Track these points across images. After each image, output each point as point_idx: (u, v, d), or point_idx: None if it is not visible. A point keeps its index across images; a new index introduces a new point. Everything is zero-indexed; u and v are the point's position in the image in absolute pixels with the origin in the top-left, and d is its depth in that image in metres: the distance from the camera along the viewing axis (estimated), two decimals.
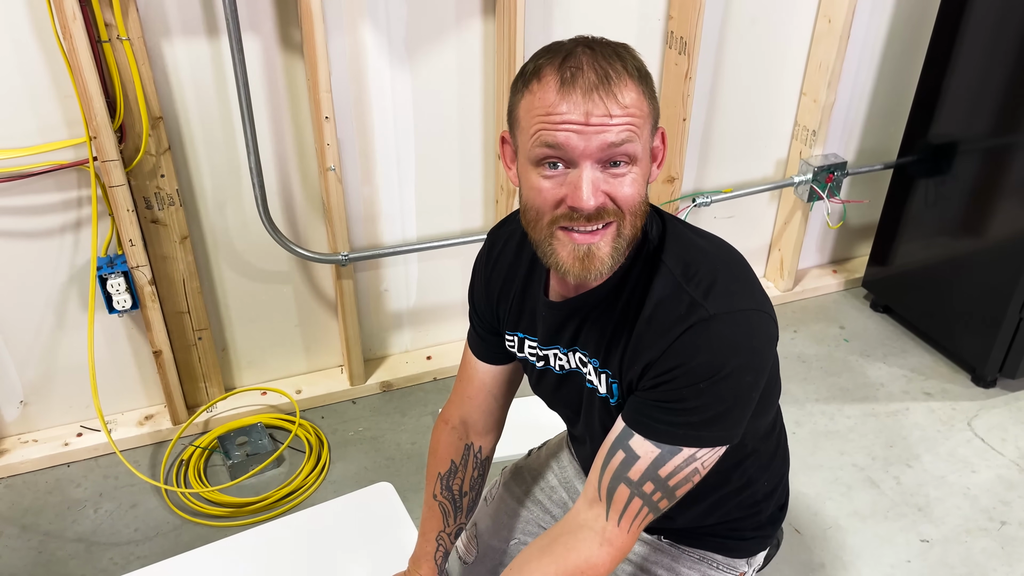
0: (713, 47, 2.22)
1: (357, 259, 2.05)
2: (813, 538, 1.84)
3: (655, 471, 0.98)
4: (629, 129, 0.90)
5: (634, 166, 0.93)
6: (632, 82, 0.91)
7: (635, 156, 0.92)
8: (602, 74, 0.90)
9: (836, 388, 2.29)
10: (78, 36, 1.56)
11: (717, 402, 0.96)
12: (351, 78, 1.90)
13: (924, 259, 2.39)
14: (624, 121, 0.90)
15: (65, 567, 1.75)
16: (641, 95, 0.92)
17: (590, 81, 0.90)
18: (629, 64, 0.93)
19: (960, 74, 2.18)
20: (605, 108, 0.89)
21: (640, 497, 1.00)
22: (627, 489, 1.00)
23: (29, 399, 2.00)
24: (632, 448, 0.99)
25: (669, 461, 0.98)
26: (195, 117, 1.82)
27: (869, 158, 2.59)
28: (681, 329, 0.96)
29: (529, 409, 1.61)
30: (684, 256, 1.01)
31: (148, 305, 1.88)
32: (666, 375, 0.97)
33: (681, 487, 1.00)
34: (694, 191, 2.41)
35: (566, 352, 1.11)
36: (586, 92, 0.90)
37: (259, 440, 2.02)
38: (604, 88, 0.90)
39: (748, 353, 0.97)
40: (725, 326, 0.95)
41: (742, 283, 1.01)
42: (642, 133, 0.92)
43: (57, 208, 1.80)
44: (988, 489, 1.97)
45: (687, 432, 0.97)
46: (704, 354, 0.95)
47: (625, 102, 0.90)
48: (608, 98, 0.90)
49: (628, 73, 0.92)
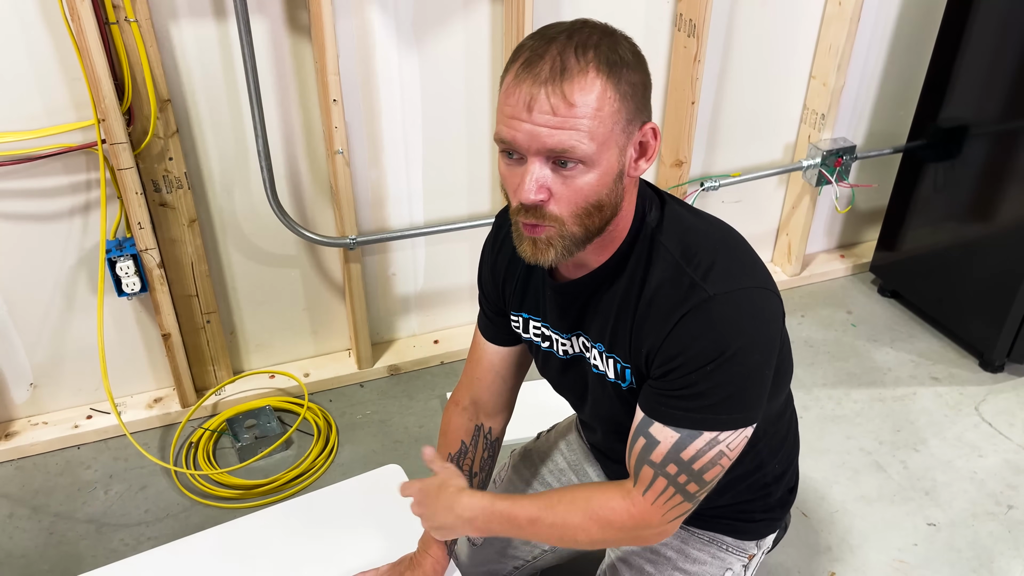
0: (722, 30, 2.20)
1: (365, 243, 2.05)
2: (820, 522, 1.84)
3: (676, 454, 0.99)
4: (575, 130, 0.87)
5: (586, 167, 0.90)
6: (596, 77, 0.87)
7: (585, 158, 0.89)
8: (559, 68, 0.87)
9: (843, 373, 2.28)
10: (86, 18, 1.56)
11: (728, 383, 0.96)
12: (359, 61, 1.89)
13: (932, 244, 2.39)
14: (570, 123, 0.87)
15: (75, 548, 1.77)
16: (605, 94, 0.88)
17: (543, 74, 0.87)
18: (601, 55, 0.88)
19: (971, 57, 2.16)
20: (550, 106, 0.87)
21: (665, 478, 1.00)
22: (651, 470, 1.01)
23: (39, 382, 2.00)
24: (652, 435, 1.00)
25: (690, 445, 0.98)
26: (203, 99, 1.82)
27: (878, 142, 2.57)
28: (681, 313, 0.96)
29: (538, 392, 1.61)
30: (683, 237, 1.01)
31: (157, 288, 1.89)
32: (672, 362, 0.97)
33: (708, 471, 1.00)
34: (702, 175, 2.40)
35: (568, 337, 1.12)
36: (536, 84, 0.87)
37: (267, 423, 2.03)
38: (553, 84, 0.86)
39: (752, 332, 0.97)
40: (725, 306, 0.95)
41: (742, 262, 1.01)
42: (597, 134, 0.88)
43: (65, 191, 1.80)
44: (995, 473, 1.97)
45: (704, 416, 0.97)
46: (706, 337, 0.95)
47: (574, 99, 0.86)
48: (555, 96, 0.86)
49: (596, 67, 0.87)
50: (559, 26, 0.92)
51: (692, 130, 2.21)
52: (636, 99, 0.91)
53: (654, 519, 1.03)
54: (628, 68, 0.90)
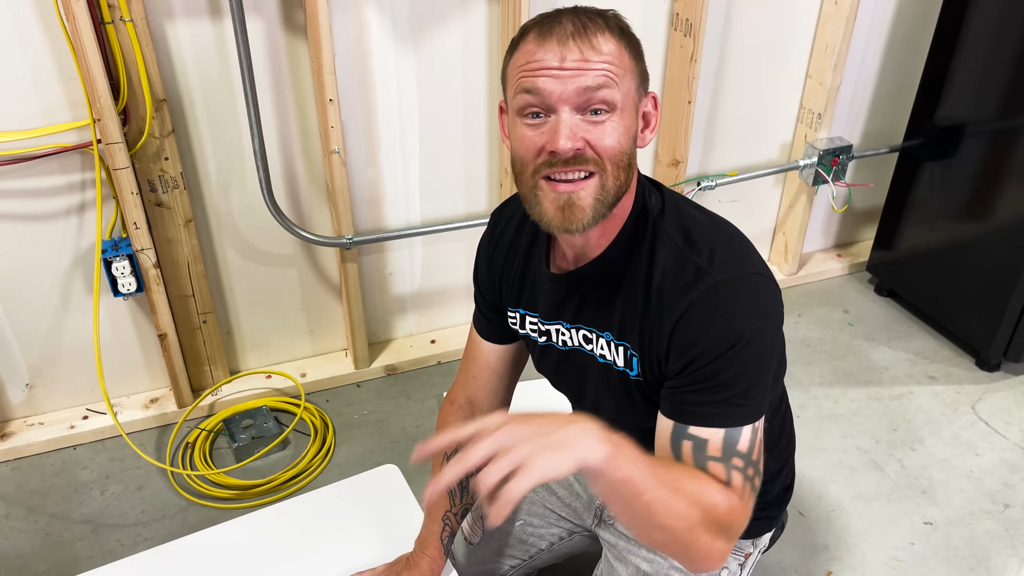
0: (719, 29, 2.21)
1: (361, 242, 2.05)
2: (817, 520, 1.84)
3: (733, 447, 0.95)
4: (605, 75, 0.91)
5: (614, 115, 0.93)
6: (611, 35, 0.93)
7: (614, 104, 0.92)
8: (580, 25, 0.93)
9: (840, 372, 2.29)
10: (81, 17, 1.55)
11: (749, 369, 0.96)
12: (355, 60, 1.89)
13: (929, 243, 2.39)
14: (600, 67, 0.91)
15: (72, 548, 1.76)
16: (622, 49, 0.94)
17: (567, 30, 0.92)
18: (611, 22, 0.95)
19: (967, 57, 2.16)
20: (580, 53, 0.91)
21: (737, 471, 0.95)
22: (719, 464, 0.95)
23: (35, 382, 2.00)
24: (695, 435, 0.96)
25: (740, 438, 0.95)
26: (199, 99, 1.81)
27: (875, 141, 2.57)
28: (690, 299, 0.96)
29: (533, 392, 1.61)
30: (684, 225, 1.02)
31: (153, 288, 1.88)
32: (689, 352, 0.96)
33: (760, 460, 0.97)
34: (699, 174, 2.40)
35: (569, 328, 1.11)
36: (562, 39, 0.92)
37: (264, 423, 2.03)
38: (580, 36, 0.92)
39: (762, 316, 0.97)
40: (733, 291, 0.96)
41: (740, 250, 1.02)
42: (622, 83, 0.93)
43: (61, 191, 1.80)
44: (992, 472, 1.97)
45: (734, 409, 0.95)
46: (720, 323, 0.95)
47: (602, 50, 0.92)
48: (584, 44, 0.92)
49: (608, 27, 0.94)
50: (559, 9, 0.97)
51: (689, 129, 2.21)
52: (641, 68, 0.97)
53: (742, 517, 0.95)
54: (633, 37, 0.97)
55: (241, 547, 1.34)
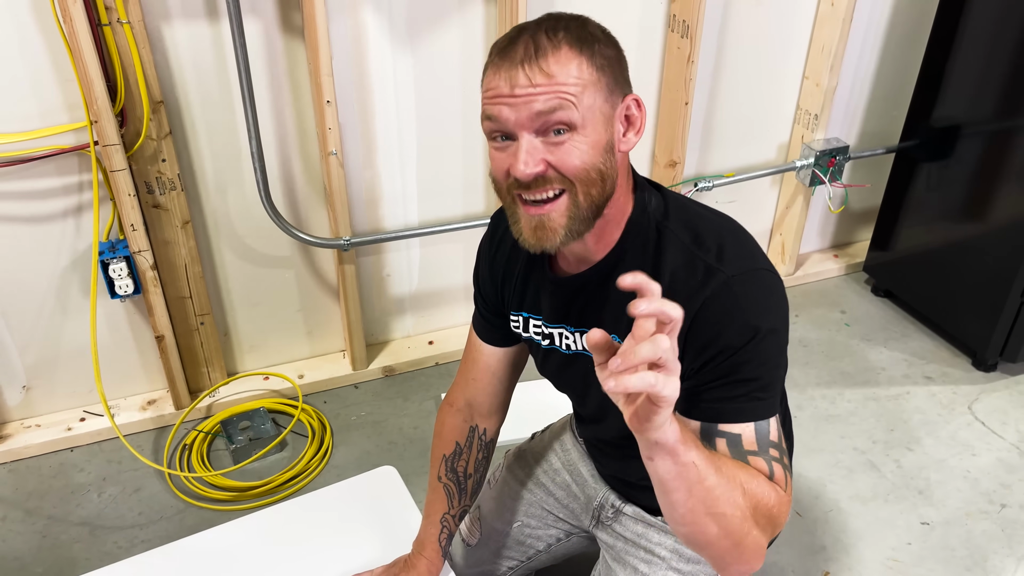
0: (715, 30, 2.21)
1: (359, 244, 2.05)
2: (814, 521, 1.85)
3: (766, 439, 0.95)
4: (558, 97, 0.91)
5: (576, 133, 0.92)
6: (567, 50, 0.92)
7: (573, 123, 0.92)
8: (532, 48, 0.92)
9: (837, 372, 2.29)
10: (78, 19, 1.55)
11: (767, 361, 0.96)
12: (353, 62, 1.89)
13: (925, 243, 2.39)
14: (551, 90, 0.91)
15: (69, 551, 1.76)
16: (582, 64, 0.92)
17: (518, 55, 0.92)
18: (573, 34, 0.93)
19: (963, 57, 2.17)
20: (529, 79, 0.91)
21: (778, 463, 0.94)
22: (758, 458, 0.94)
23: (32, 384, 2.00)
24: (726, 431, 0.95)
25: (769, 429, 0.95)
26: (196, 101, 1.81)
27: (871, 142, 2.58)
28: (704, 296, 0.95)
29: (532, 393, 1.61)
30: (690, 224, 1.02)
31: (150, 290, 1.88)
32: (708, 349, 0.95)
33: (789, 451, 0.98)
34: (696, 175, 2.40)
35: (573, 332, 1.11)
36: (512, 65, 0.92)
37: (262, 425, 2.03)
38: (529, 61, 0.91)
39: (775, 310, 0.98)
40: (745, 285, 0.96)
41: (747, 246, 1.02)
42: (581, 100, 0.91)
43: (58, 193, 1.80)
44: (988, 472, 1.97)
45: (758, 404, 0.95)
46: (737, 318, 0.95)
47: (551, 71, 0.91)
48: (532, 69, 0.91)
49: (568, 43, 0.92)
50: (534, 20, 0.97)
51: (686, 131, 2.21)
52: (613, 72, 0.95)
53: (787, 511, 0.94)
54: (600, 43, 0.94)
55: (239, 549, 1.34)
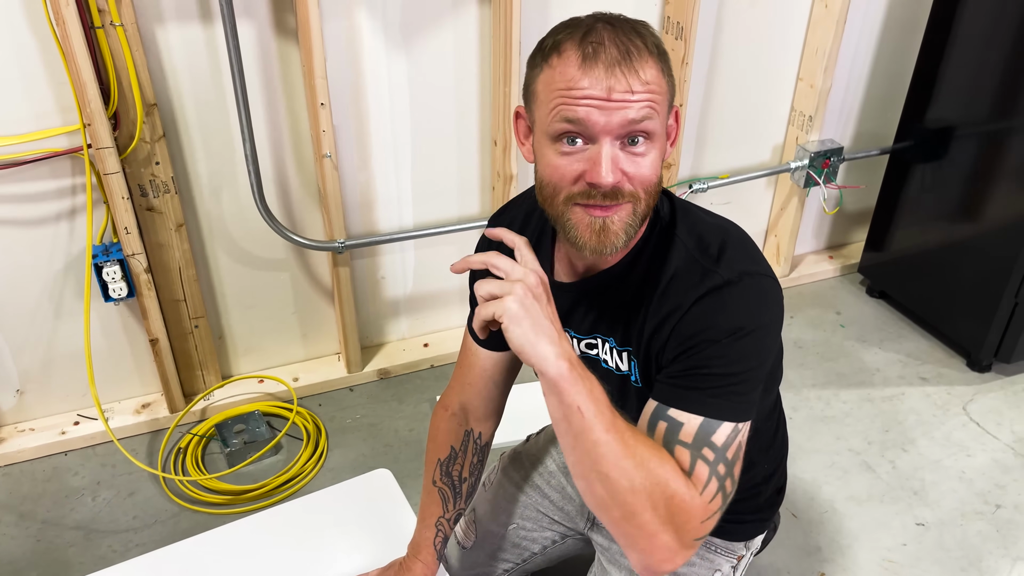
0: (710, 32, 2.21)
1: (353, 246, 2.05)
2: (810, 522, 1.85)
3: (707, 437, 0.93)
4: (650, 106, 0.90)
5: (652, 144, 0.93)
6: (652, 59, 0.91)
7: (654, 133, 0.92)
8: (624, 50, 0.89)
9: (832, 373, 2.29)
10: (71, 22, 1.55)
11: (741, 362, 0.95)
12: (347, 64, 1.89)
13: (920, 244, 2.40)
14: (645, 98, 0.90)
15: (64, 555, 1.75)
16: (660, 72, 0.92)
17: (612, 56, 0.89)
18: (649, 41, 0.92)
19: (957, 59, 2.17)
20: (627, 84, 0.89)
21: (704, 462, 0.92)
22: (685, 451, 0.92)
23: (25, 388, 1.99)
24: (672, 417, 0.94)
25: (717, 430, 0.93)
26: (190, 104, 1.81)
27: (865, 143, 2.58)
28: (696, 295, 0.97)
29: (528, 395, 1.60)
30: (695, 229, 1.03)
31: (144, 293, 1.88)
32: (688, 341, 0.96)
33: (736, 463, 0.94)
34: (691, 177, 2.41)
35: (573, 336, 1.12)
36: (608, 67, 0.89)
37: (256, 428, 2.02)
38: (626, 64, 0.89)
39: (765, 317, 0.98)
40: (739, 290, 0.97)
41: (748, 251, 1.03)
42: (661, 110, 0.92)
43: (51, 196, 1.79)
44: (983, 473, 1.98)
45: (721, 402, 0.94)
46: (722, 315, 0.96)
47: (646, 78, 0.90)
48: (630, 74, 0.89)
49: (648, 50, 0.91)
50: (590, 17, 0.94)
51: (680, 132, 2.21)
52: (672, 83, 0.96)
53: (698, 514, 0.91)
54: (666, 54, 0.95)
55: (234, 552, 1.34)
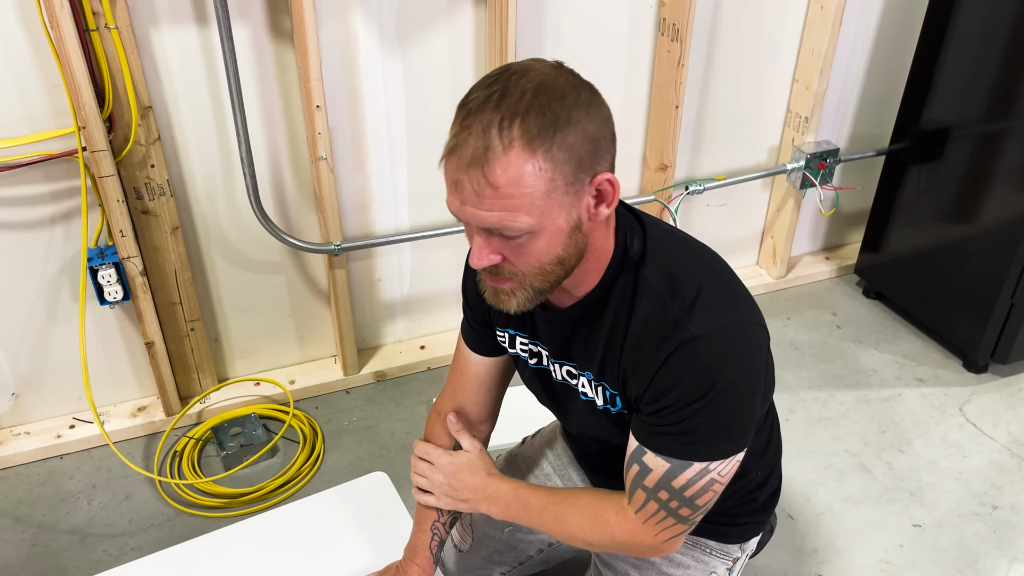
0: (706, 34, 2.21)
1: (350, 249, 2.05)
2: (806, 523, 1.85)
3: (668, 482, 1.01)
4: (504, 212, 0.86)
5: (533, 235, 0.89)
6: (519, 151, 0.84)
7: (525, 230, 0.88)
8: (481, 148, 0.85)
9: (829, 375, 2.29)
10: (65, 24, 1.55)
11: (717, 417, 0.97)
12: (342, 66, 1.89)
13: (916, 245, 2.40)
14: (496, 204, 0.86)
15: (59, 559, 1.75)
16: (535, 163, 0.85)
17: (466, 157, 0.86)
18: (529, 125, 0.84)
19: (952, 60, 2.17)
20: (474, 191, 0.86)
21: (656, 502, 1.02)
22: (643, 494, 1.03)
23: (21, 391, 1.99)
24: (645, 463, 1.02)
25: (681, 474, 1.00)
26: (185, 106, 1.81)
27: (861, 145, 2.59)
28: (667, 351, 0.96)
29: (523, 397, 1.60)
30: (667, 270, 1.00)
31: (140, 296, 1.87)
32: (662, 399, 0.98)
33: (700, 497, 1.01)
34: (687, 178, 2.41)
35: (553, 363, 1.12)
36: (460, 168, 0.87)
37: (253, 431, 2.02)
38: (476, 168, 0.85)
39: (738, 367, 0.98)
40: (710, 345, 0.96)
41: (726, 295, 1.01)
42: (533, 207, 0.86)
43: (46, 199, 1.79)
44: (980, 474, 1.98)
45: (695, 448, 0.99)
46: (693, 375, 0.96)
47: (499, 182, 0.85)
48: (477, 180, 0.85)
49: (520, 141, 0.84)
50: (500, 79, 0.88)
51: (676, 134, 2.22)
52: (576, 159, 0.87)
53: (646, 538, 1.05)
54: (563, 130, 0.85)
55: (230, 556, 1.33)
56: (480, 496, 1.17)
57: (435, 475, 1.21)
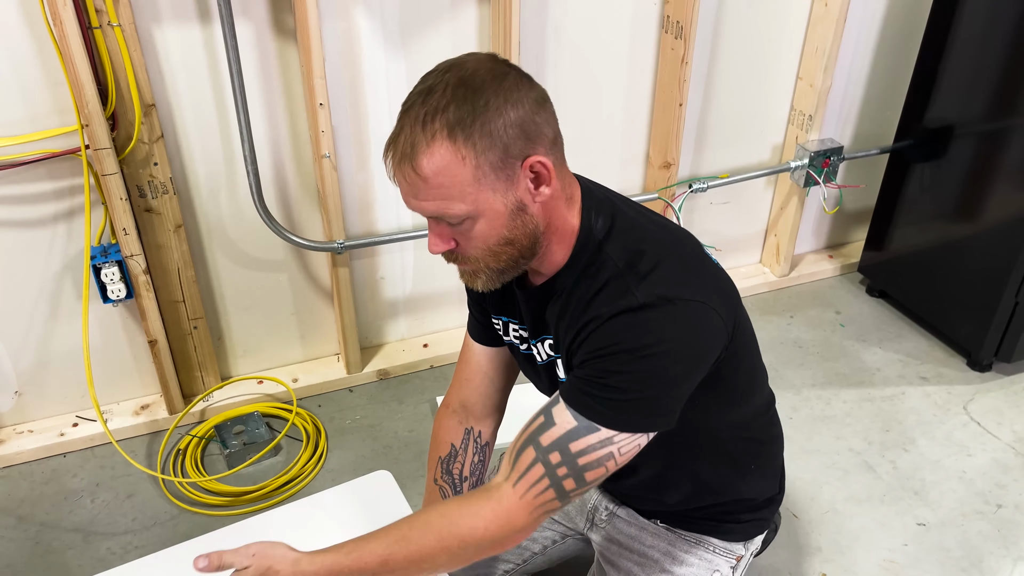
0: (709, 31, 2.21)
1: (352, 247, 2.05)
2: (810, 522, 1.84)
3: (566, 443, 0.98)
4: (439, 200, 0.93)
5: (473, 219, 0.95)
6: (441, 142, 0.91)
7: (463, 216, 0.94)
8: (409, 144, 0.92)
9: (832, 373, 2.29)
10: (68, 22, 1.55)
11: (639, 382, 0.97)
12: (345, 64, 1.89)
13: (920, 244, 2.39)
14: (428, 195, 0.93)
15: (62, 557, 1.75)
16: (458, 152, 0.91)
17: (397, 154, 0.94)
18: (448, 117, 0.90)
19: (956, 58, 2.17)
20: (408, 185, 0.94)
21: (543, 464, 0.98)
22: (533, 452, 0.99)
23: (24, 389, 1.99)
24: (552, 415, 1.00)
25: (583, 437, 0.97)
26: (188, 104, 1.81)
27: (865, 143, 2.58)
28: (609, 313, 0.98)
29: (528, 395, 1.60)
30: (631, 247, 1.02)
31: (143, 294, 1.87)
32: (594, 352, 0.98)
33: (591, 470, 0.98)
34: (691, 176, 2.40)
35: (536, 342, 1.13)
36: (394, 166, 0.95)
37: (256, 429, 2.02)
38: (403, 163, 0.93)
39: (675, 341, 0.97)
40: (654, 313, 0.96)
41: (684, 272, 1.02)
42: (466, 193, 0.93)
43: (49, 197, 1.79)
44: (984, 472, 1.97)
45: (607, 411, 0.97)
46: (629, 335, 0.97)
47: (425, 172, 0.92)
48: (407, 173, 0.93)
49: (441, 132, 0.91)
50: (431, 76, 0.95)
51: (680, 132, 2.21)
52: (502, 144, 0.92)
53: (520, 518, 0.98)
54: (481, 117, 0.91)
55: None
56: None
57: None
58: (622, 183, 2.35)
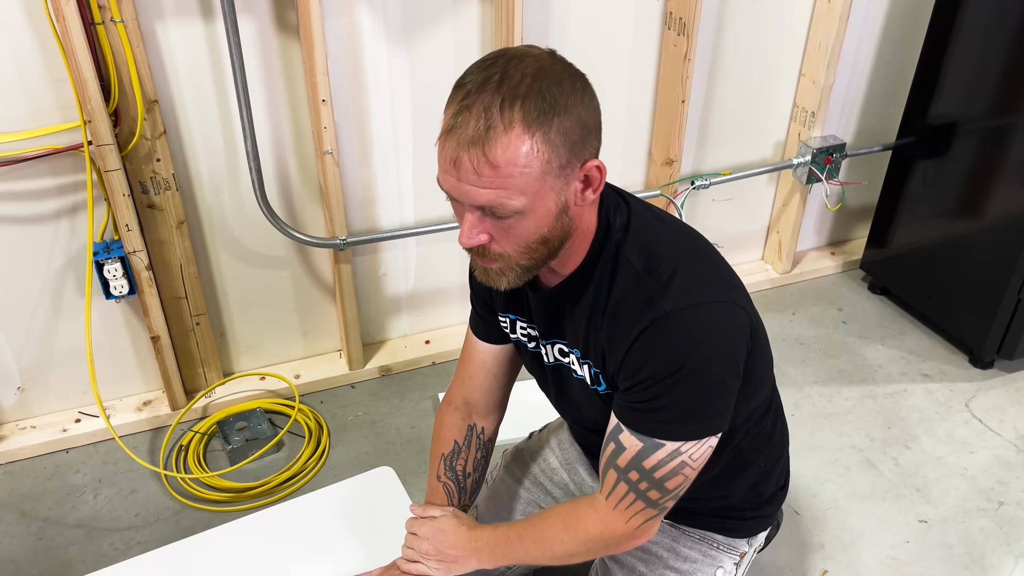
0: (712, 28, 2.20)
1: (355, 243, 2.05)
2: (812, 519, 1.84)
3: (639, 462, 1.01)
4: (500, 190, 0.89)
5: (523, 215, 0.92)
6: (519, 132, 0.87)
7: (517, 210, 0.91)
8: (483, 127, 0.87)
9: (834, 370, 2.29)
10: (71, 18, 1.54)
11: (688, 396, 0.98)
12: (348, 60, 1.89)
13: (922, 241, 2.39)
14: (494, 183, 0.88)
15: (65, 553, 1.75)
16: (532, 145, 0.87)
17: (466, 135, 0.87)
18: (530, 106, 0.87)
19: (959, 55, 2.16)
20: (473, 168, 0.88)
21: (626, 483, 1.03)
22: (615, 474, 1.04)
23: (26, 385, 1.99)
24: (621, 441, 1.03)
25: (652, 454, 1.00)
26: (190, 100, 1.81)
27: (868, 139, 2.58)
28: (640, 328, 0.97)
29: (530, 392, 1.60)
30: (647, 248, 1.02)
31: (145, 290, 1.87)
32: (635, 376, 0.99)
33: (670, 479, 1.02)
34: (693, 173, 2.40)
35: (547, 343, 1.12)
36: (460, 145, 0.88)
37: (258, 425, 2.02)
38: (478, 146, 0.87)
39: (709, 346, 0.98)
40: (683, 323, 0.96)
41: (704, 275, 1.02)
42: (527, 188, 0.89)
43: (52, 193, 1.79)
44: (986, 470, 1.97)
45: (667, 427, 0.99)
46: (663, 352, 0.97)
47: (499, 161, 0.87)
48: (479, 157, 0.87)
49: (520, 122, 0.87)
50: (498, 63, 0.90)
51: (683, 128, 2.21)
52: (570, 143, 0.90)
53: (618, 526, 1.06)
54: (560, 115, 0.88)
55: (236, 551, 1.33)
56: (467, 551, 1.16)
57: (420, 544, 1.19)
58: (624, 179, 2.35)
